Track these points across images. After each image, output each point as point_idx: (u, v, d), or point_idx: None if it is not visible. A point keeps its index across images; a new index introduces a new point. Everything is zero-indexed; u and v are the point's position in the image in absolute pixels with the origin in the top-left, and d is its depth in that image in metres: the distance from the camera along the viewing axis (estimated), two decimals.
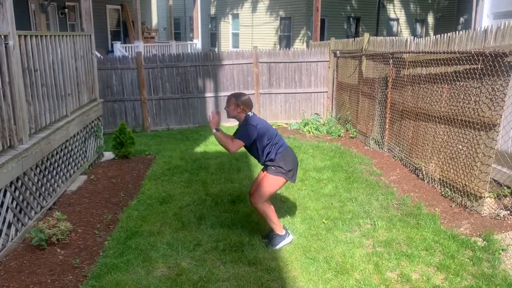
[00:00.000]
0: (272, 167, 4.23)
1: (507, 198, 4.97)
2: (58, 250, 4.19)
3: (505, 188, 5.04)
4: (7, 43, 4.28)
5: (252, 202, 4.34)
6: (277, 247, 4.28)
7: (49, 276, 3.75)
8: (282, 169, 4.20)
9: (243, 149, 4.37)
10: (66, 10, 15.67)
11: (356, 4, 20.83)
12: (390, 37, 7.53)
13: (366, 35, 8.48)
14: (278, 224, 4.33)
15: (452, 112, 5.47)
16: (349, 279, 3.73)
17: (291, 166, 4.25)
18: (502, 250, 4.09)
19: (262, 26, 21.83)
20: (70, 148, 5.95)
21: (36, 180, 4.80)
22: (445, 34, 5.76)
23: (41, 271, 3.82)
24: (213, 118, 4.26)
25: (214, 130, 4.22)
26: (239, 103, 4.27)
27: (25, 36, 4.72)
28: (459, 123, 5.31)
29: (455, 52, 5.34)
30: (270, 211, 4.29)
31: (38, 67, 5.03)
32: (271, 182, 4.23)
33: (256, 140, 4.19)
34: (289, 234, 4.39)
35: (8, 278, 3.68)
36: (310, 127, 9.73)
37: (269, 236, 4.41)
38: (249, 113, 4.32)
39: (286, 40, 20.60)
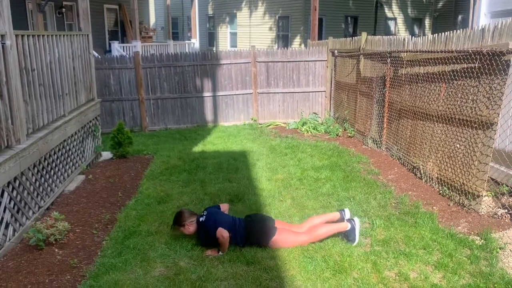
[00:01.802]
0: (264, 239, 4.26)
1: (505, 197, 4.98)
2: (56, 250, 4.18)
3: (502, 186, 5.05)
4: (4, 43, 4.27)
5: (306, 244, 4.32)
6: (357, 238, 4.30)
7: (47, 276, 3.74)
8: (265, 242, 4.23)
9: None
10: (64, 9, 15.64)
11: (353, 3, 20.84)
12: (388, 36, 7.54)
13: (364, 34, 8.49)
14: (335, 227, 4.37)
15: (450, 111, 5.47)
16: (347, 278, 3.73)
17: (261, 232, 4.27)
18: (500, 248, 4.10)
19: (260, 25, 21.82)
20: (67, 148, 5.94)
21: (33, 180, 4.79)
22: (443, 33, 5.77)
23: (39, 271, 3.81)
24: (211, 253, 4.23)
25: (220, 253, 4.20)
26: (182, 224, 4.37)
27: (22, 36, 4.70)
28: (457, 122, 5.32)
29: (452, 51, 5.35)
30: (320, 234, 4.33)
31: (36, 67, 5.02)
32: (285, 243, 4.24)
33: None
34: (352, 220, 4.39)
35: (6, 278, 3.67)
36: (308, 127, 9.74)
37: (346, 237, 4.42)
38: (200, 218, 4.39)
39: (284, 39, 20.60)
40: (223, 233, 4.12)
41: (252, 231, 4.30)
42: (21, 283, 3.62)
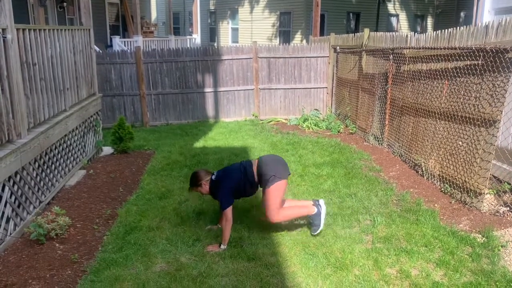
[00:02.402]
0: (263, 181, 4.23)
1: (507, 195, 4.96)
2: (57, 245, 4.18)
3: (505, 184, 5.04)
4: (5, 37, 4.25)
5: (271, 222, 4.31)
6: (321, 224, 4.30)
7: (48, 271, 3.74)
8: (267, 175, 4.19)
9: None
10: (65, 4, 15.58)
11: None
12: (391, 33, 7.50)
13: (366, 31, 8.45)
14: (304, 210, 4.37)
15: (452, 108, 5.45)
16: (348, 275, 3.72)
17: (272, 169, 4.23)
18: (502, 246, 4.09)
19: (261, 21, 21.75)
20: (69, 142, 5.93)
21: (34, 175, 4.79)
22: (446, 30, 5.73)
23: (39, 266, 3.81)
24: (212, 248, 4.22)
25: (221, 246, 4.20)
26: (199, 183, 4.37)
27: (24, 30, 4.68)
28: (459, 119, 5.30)
29: (455, 48, 5.32)
30: (289, 212, 4.32)
31: (37, 61, 5.01)
32: (273, 194, 4.21)
33: (237, 190, 4.27)
34: (319, 205, 4.38)
35: (7, 273, 3.67)
36: (310, 123, 9.72)
37: (310, 222, 4.42)
38: (212, 177, 4.37)
39: (285, 35, 20.54)
40: (227, 214, 4.12)
41: (268, 164, 4.27)
42: (22, 277, 3.62)
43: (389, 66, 7.24)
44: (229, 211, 4.14)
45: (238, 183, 4.27)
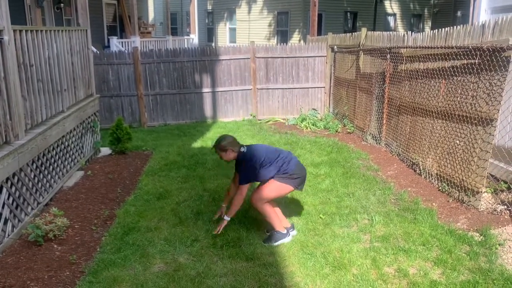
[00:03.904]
0: (277, 175, 4.23)
1: (504, 193, 4.98)
2: (55, 246, 4.18)
3: (502, 183, 5.05)
4: (2, 38, 4.24)
5: (251, 202, 4.32)
6: (275, 244, 4.27)
7: (46, 272, 3.74)
8: (287, 173, 4.18)
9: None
10: (62, 4, 15.53)
11: None
12: (388, 32, 7.51)
13: (364, 30, 8.46)
14: (277, 222, 4.31)
15: (450, 107, 5.47)
16: (346, 274, 3.73)
17: (297, 171, 4.22)
18: (499, 244, 4.11)
19: (259, 21, 21.75)
20: (66, 143, 5.92)
21: (32, 176, 4.78)
22: (443, 29, 5.75)
23: (38, 267, 3.81)
24: (220, 227, 4.26)
25: (226, 218, 4.25)
26: (225, 148, 4.29)
27: (20, 31, 4.68)
28: (457, 118, 5.31)
29: (452, 47, 5.33)
30: (269, 210, 4.28)
31: (34, 62, 5.00)
32: (273, 187, 4.21)
33: (260, 172, 4.22)
34: (289, 234, 4.35)
35: (5, 274, 3.66)
36: (308, 123, 9.72)
37: (269, 232, 4.40)
38: (242, 148, 4.32)
39: (283, 35, 20.54)
40: (243, 192, 4.14)
41: (300, 167, 4.31)
42: (20, 279, 3.62)
43: (386, 65, 7.25)
44: (245, 187, 4.17)
45: (264, 167, 4.18)
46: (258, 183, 4.42)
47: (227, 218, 4.25)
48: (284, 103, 10.68)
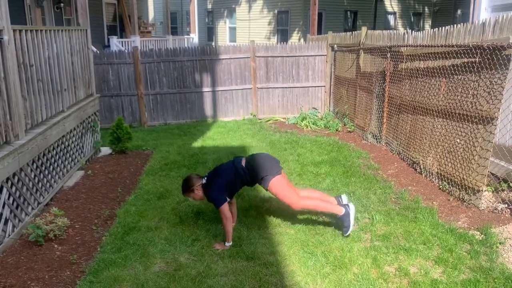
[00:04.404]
0: (258, 182, 4.25)
1: (505, 192, 4.97)
2: (56, 246, 4.18)
3: (502, 181, 5.05)
4: (2, 38, 4.23)
5: (294, 209, 4.32)
6: (350, 227, 4.23)
7: (47, 272, 3.74)
8: (260, 176, 4.20)
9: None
10: (62, 4, 15.53)
11: None
12: (388, 31, 7.50)
13: (364, 29, 8.45)
14: (329, 206, 4.32)
15: (450, 106, 5.46)
16: (347, 273, 3.73)
17: (263, 169, 4.23)
18: (500, 243, 4.10)
19: (259, 20, 21.73)
20: (66, 143, 5.92)
21: (32, 176, 4.78)
22: (443, 28, 5.74)
23: (38, 267, 3.81)
24: (219, 247, 4.23)
25: (227, 244, 4.21)
26: (191, 189, 4.35)
27: (20, 31, 4.67)
28: (457, 116, 5.31)
29: (453, 46, 5.33)
30: (312, 203, 4.29)
31: (34, 62, 4.99)
32: (278, 189, 4.22)
33: (228, 187, 4.25)
34: (348, 206, 4.31)
35: (6, 274, 3.66)
36: (308, 122, 9.72)
37: (337, 221, 4.38)
38: (203, 181, 4.34)
39: (283, 34, 20.53)
40: (225, 212, 4.12)
41: (257, 162, 4.25)
42: (20, 279, 3.62)
43: (386, 64, 7.24)
44: (224, 208, 4.14)
45: (229, 181, 4.24)
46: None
47: (227, 245, 4.18)
48: (285, 102, 10.67)
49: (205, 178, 4.37)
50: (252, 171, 4.24)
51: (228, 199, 4.28)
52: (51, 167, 5.36)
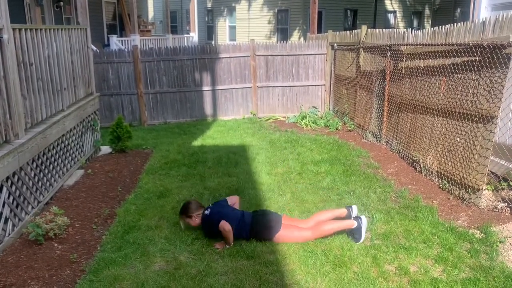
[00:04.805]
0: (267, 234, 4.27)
1: (505, 191, 4.97)
2: (56, 245, 4.18)
3: (502, 180, 5.05)
4: (2, 37, 4.23)
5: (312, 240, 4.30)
6: (361, 239, 4.22)
7: (47, 271, 3.74)
8: (265, 235, 4.25)
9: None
10: (62, 3, 15.52)
11: None
12: (388, 30, 7.50)
13: (364, 28, 8.44)
14: (341, 225, 4.31)
15: (450, 105, 5.46)
16: (347, 272, 3.73)
17: (267, 231, 4.26)
18: (500, 242, 4.10)
19: (259, 19, 21.72)
20: (66, 142, 5.92)
21: (32, 175, 4.78)
22: (443, 26, 5.73)
23: (38, 266, 3.81)
24: (220, 246, 4.23)
25: (227, 246, 4.21)
26: (189, 215, 4.40)
27: (20, 30, 4.67)
28: (457, 115, 5.30)
29: (453, 44, 5.32)
30: (326, 230, 4.27)
31: (34, 61, 4.99)
32: (284, 239, 4.23)
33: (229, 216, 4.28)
34: (360, 219, 4.29)
35: (6, 273, 3.66)
36: (308, 121, 9.71)
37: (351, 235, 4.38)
38: (205, 212, 4.40)
39: (283, 32, 20.52)
40: (225, 226, 4.14)
41: (258, 225, 4.30)
42: (20, 278, 3.62)
43: (386, 63, 7.24)
44: (223, 224, 4.15)
45: (233, 226, 4.24)
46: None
47: (228, 246, 4.20)
48: (284, 101, 10.67)
49: (208, 210, 4.40)
50: (256, 232, 4.27)
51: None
52: (51, 166, 5.36)
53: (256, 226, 4.29)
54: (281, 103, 10.67)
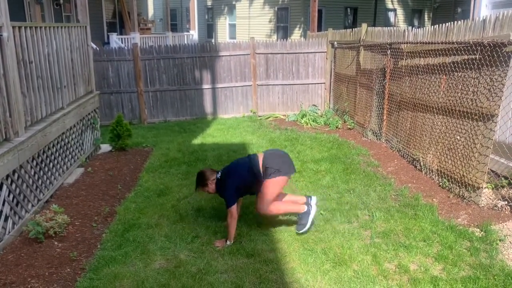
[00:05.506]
0: (266, 174, 4.23)
1: (505, 189, 4.97)
2: (56, 243, 4.18)
3: (502, 178, 5.05)
4: (1, 35, 4.23)
5: (259, 213, 4.33)
6: (308, 225, 4.27)
7: (47, 269, 3.74)
8: (272, 169, 4.19)
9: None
10: (61, 1, 15.50)
11: None
12: (388, 28, 7.49)
13: (364, 26, 8.43)
14: (295, 207, 4.35)
15: (450, 103, 5.45)
16: (347, 270, 3.73)
17: (278, 163, 4.23)
18: (500, 240, 4.10)
19: (259, 17, 21.70)
20: (66, 140, 5.92)
21: (32, 173, 4.78)
22: (443, 24, 5.72)
23: (38, 264, 3.81)
24: (219, 244, 4.22)
25: (228, 243, 4.20)
26: (205, 183, 4.37)
27: (20, 28, 4.66)
28: (457, 113, 5.30)
29: (453, 43, 5.31)
30: (281, 207, 4.31)
31: (33, 59, 4.98)
32: (270, 187, 4.20)
33: (241, 187, 4.26)
34: (310, 206, 4.34)
35: (6, 271, 3.67)
36: (308, 119, 9.71)
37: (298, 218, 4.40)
38: (217, 175, 4.36)
39: (283, 31, 20.50)
40: (233, 213, 4.13)
41: (273, 156, 4.30)
42: (21, 276, 3.62)
43: (387, 61, 7.23)
44: (234, 208, 4.15)
45: (243, 180, 4.25)
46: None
47: (229, 243, 4.18)
48: (284, 99, 10.66)
49: (219, 173, 4.37)
50: (265, 167, 4.22)
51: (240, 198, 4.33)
52: (51, 164, 5.35)
53: (270, 157, 4.27)
54: (281, 101, 10.66)
